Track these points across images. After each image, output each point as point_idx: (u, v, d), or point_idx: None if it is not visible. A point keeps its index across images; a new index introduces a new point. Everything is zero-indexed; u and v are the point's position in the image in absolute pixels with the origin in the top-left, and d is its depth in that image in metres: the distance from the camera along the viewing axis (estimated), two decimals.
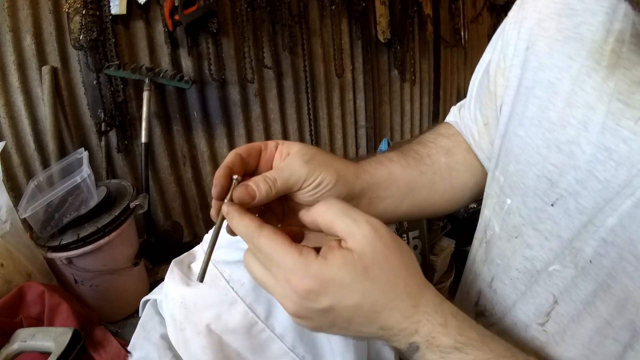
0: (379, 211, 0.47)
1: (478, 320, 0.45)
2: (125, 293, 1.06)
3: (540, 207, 0.37)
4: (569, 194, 0.35)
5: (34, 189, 1.04)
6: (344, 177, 0.42)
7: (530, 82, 0.39)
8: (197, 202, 1.60)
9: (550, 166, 0.36)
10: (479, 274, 0.47)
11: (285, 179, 0.38)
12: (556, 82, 0.36)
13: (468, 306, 0.48)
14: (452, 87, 2.33)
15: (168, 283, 0.46)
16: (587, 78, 0.33)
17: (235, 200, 0.36)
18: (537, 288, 0.38)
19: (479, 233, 0.48)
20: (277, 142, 0.42)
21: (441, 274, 1.71)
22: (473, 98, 0.50)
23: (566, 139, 0.34)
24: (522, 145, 0.39)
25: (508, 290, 0.42)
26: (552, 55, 0.37)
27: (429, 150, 0.50)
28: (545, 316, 0.38)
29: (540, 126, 0.37)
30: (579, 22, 0.35)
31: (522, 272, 0.40)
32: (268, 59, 1.57)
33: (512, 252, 0.41)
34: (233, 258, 0.44)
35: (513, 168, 0.41)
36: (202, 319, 0.42)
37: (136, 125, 1.39)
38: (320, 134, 1.86)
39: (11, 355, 0.63)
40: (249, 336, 0.42)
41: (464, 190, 0.51)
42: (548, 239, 0.37)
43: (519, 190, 0.40)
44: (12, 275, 0.81)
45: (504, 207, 0.42)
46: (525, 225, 0.39)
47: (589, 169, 0.33)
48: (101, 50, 1.25)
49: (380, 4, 1.78)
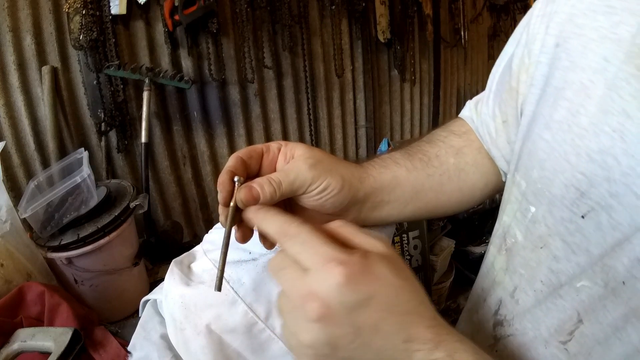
0: (383, 215, 0.46)
1: (496, 330, 0.43)
2: (125, 293, 1.05)
3: (569, 217, 0.35)
4: (601, 207, 0.32)
5: (34, 189, 1.04)
6: (349, 182, 0.42)
7: (559, 82, 0.36)
8: (197, 202, 1.60)
9: (580, 175, 0.33)
10: (499, 283, 0.45)
11: (290, 182, 0.38)
12: (589, 85, 0.33)
13: (485, 314, 0.46)
14: (452, 87, 2.32)
15: (168, 283, 0.46)
16: (625, 84, 0.31)
17: (238, 202, 0.36)
18: (562, 303, 0.36)
19: (497, 239, 0.46)
20: (279, 144, 0.42)
21: (441, 274, 1.71)
22: (492, 93, 0.47)
23: (599, 148, 0.32)
24: (548, 150, 0.36)
25: (530, 302, 0.40)
26: (585, 55, 0.34)
27: (438, 150, 0.49)
28: (568, 335, 0.35)
29: (570, 131, 0.34)
30: (617, 21, 0.32)
31: (547, 284, 0.38)
32: (268, 59, 1.57)
33: (537, 263, 0.39)
34: (233, 258, 0.44)
35: (537, 174, 0.38)
36: (202, 319, 0.42)
37: (136, 125, 1.39)
38: (320, 134, 1.86)
39: (11, 355, 0.63)
40: (249, 336, 0.42)
41: (473, 192, 0.50)
42: (576, 253, 0.34)
43: (545, 198, 0.37)
44: (12, 275, 0.81)
45: (527, 215, 0.40)
46: (552, 235, 0.37)
47: (625, 182, 0.30)
48: (101, 50, 1.25)
49: (380, 4, 1.78)
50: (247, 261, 0.44)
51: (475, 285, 0.51)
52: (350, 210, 0.44)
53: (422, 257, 1.54)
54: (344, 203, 0.42)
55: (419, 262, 1.54)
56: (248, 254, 0.45)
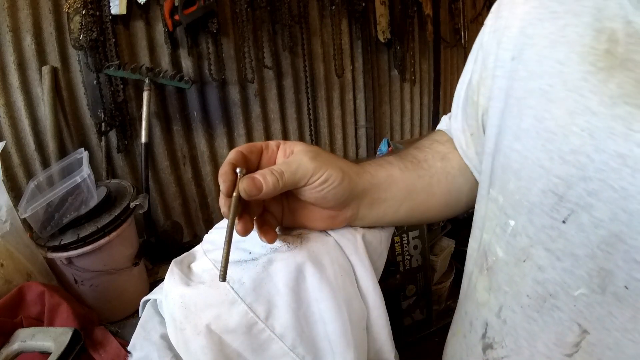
0: (380, 213, 0.47)
1: (487, 354, 0.42)
2: (125, 293, 1.05)
3: (550, 224, 0.34)
4: (580, 207, 0.32)
5: (34, 189, 1.04)
6: (348, 174, 0.42)
7: (520, 93, 0.37)
8: (197, 202, 1.60)
9: (556, 179, 0.33)
10: (483, 304, 0.44)
11: (292, 172, 0.38)
12: (549, 89, 0.34)
13: (473, 338, 0.45)
14: (452, 87, 2.32)
15: (168, 283, 0.46)
16: (583, 83, 0.31)
17: (241, 191, 0.36)
18: (558, 315, 0.35)
19: (479, 259, 0.45)
20: (278, 142, 0.42)
21: (441, 274, 1.71)
22: (460, 108, 0.49)
23: (570, 149, 0.32)
24: (521, 159, 0.37)
25: (519, 319, 0.39)
26: (541, 62, 0.35)
27: (426, 155, 0.50)
28: (574, 347, 0.34)
29: (539, 137, 0.35)
30: (563, 24, 0.33)
31: (534, 297, 0.37)
32: (268, 59, 1.57)
33: (521, 278, 0.38)
34: (233, 258, 0.44)
35: (513, 185, 0.38)
36: (202, 319, 0.42)
37: (136, 125, 1.39)
38: (320, 134, 1.86)
39: (11, 355, 0.63)
40: (249, 336, 0.42)
41: (460, 195, 0.51)
42: (560, 259, 0.34)
43: (523, 208, 0.37)
44: (12, 275, 0.81)
45: (507, 230, 0.39)
46: (534, 246, 0.36)
47: (601, 178, 0.30)
48: (101, 50, 1.25)
49: (380, 4, 1.78)
50: (247, 261, 0.44)
51: (458, 307, 0.50)
52: (350, 205, 0.44)
53: (422, 257, 1.54)
54: (344, 195, 0.43)
55: (419, 262, 1.54)
56: (248, 254, 0.45)
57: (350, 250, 0.44)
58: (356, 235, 0.46)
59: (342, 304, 0.41)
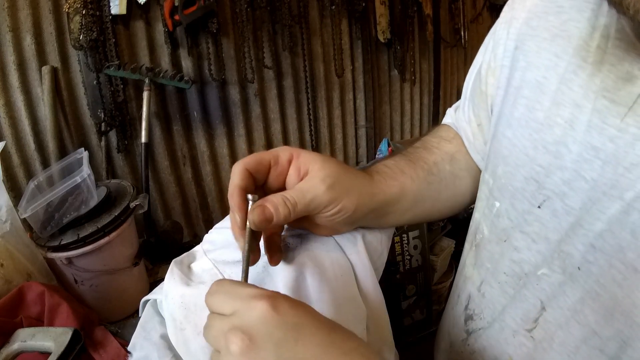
0: (381, 223, 0.47)
1: (467, 325, 0.44)
2: (125, 293, 1.05)
3: (528, 209, 0.37)
4: (555, 195, 0.34)
5: (34, 189, 1.04)
6: (362, 203, 0.41)
7: (518, 82, 0.38)
8: (197, 202, 1.60)
9: (538, 167, 0.35)
10: (469, 278, 0.47)
11: (306, 204, 0.37)
12: (543, 81, 0.35)
13: (458, 310, 0.48)
14: (452, 87, 2.32)
15: (168, 283, 0.46)
16: (573, 76, 0.33)
17: (250, 223, 0.34)
18: (525, 292, 0.38)
19: (470, 236, 0.48)
20: (290, 154, 0.39)
21: (441, 274, 1.71)
22: (467, 99, 0.50)
23: (553, 139, 0.34)
24: (509, 146, 0.38)
25: (496, 294, 0.41)
26: (539, 54, 0.36)
27: (435, 157, 0.49)
28: (533, 322, 0.37)
29: (528, 127, 0.36)
30: (566, 19, 0.34)
31: (510, 275, 0.39)
32: (268, 59, 1.57)
33: (500, 256, 0.41)
34: (233, 258, 0.44)
35: (501, 170, 0.40)
36: (202, 319, 0.42)
37: (136, 125, 1.39)
38: (320, 134, 1.86)
39: (11, 355, 0.63)
40: None
41: (465, 196, 0.51)
42: (536, 242, 0.36)
43: (508, 192, 0.39)
44: (12, 275, 0.81)
45: (493, 210, 0.42)
46: (514, 228, 0.38)
47: (575, 168, 0.32)
48: (101, 50, 1.25)
49: (380, 4, 1.78)
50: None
51: (453, 282, 0.53)
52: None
53: (422, 257, 1.54)
54: (355, 223, 0.43)
55: (419, 262, 1.54)
56: None
57: (351, 250, 0.44)
58: (356, 235, 0.45)
59: (342, 304, 0.41)
